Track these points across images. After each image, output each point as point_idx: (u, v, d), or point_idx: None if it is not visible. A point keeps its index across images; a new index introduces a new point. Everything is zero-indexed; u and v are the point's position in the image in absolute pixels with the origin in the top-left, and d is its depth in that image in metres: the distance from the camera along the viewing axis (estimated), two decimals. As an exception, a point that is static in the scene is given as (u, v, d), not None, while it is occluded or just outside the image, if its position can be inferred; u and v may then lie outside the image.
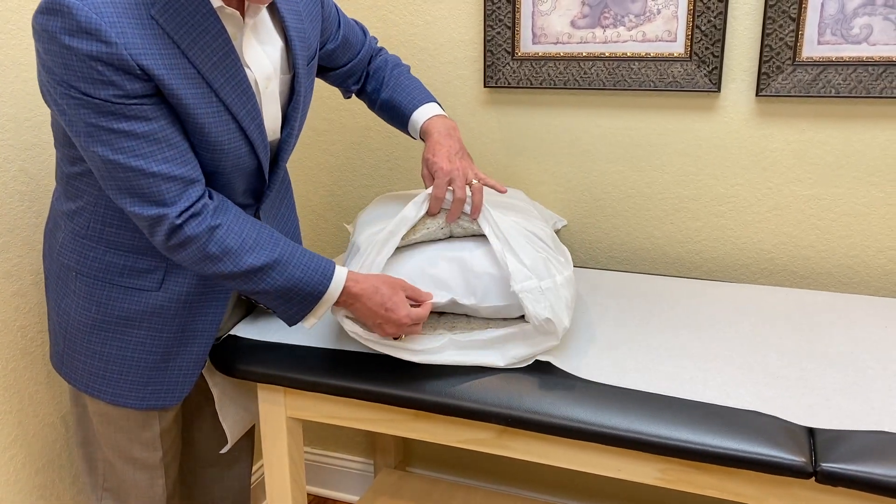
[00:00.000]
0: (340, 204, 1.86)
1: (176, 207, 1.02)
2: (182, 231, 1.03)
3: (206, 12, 1.01)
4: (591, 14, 1.51)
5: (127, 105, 0.97)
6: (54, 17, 0.93)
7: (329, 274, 1.11)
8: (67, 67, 0.94)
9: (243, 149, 1.11)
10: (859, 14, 1.35)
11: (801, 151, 1.46)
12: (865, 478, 0.96)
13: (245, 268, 1.06)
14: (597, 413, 1.08)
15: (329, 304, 1.13)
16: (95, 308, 1.15)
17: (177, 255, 1.06)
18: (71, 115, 0.98)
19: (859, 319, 1.31)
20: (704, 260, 1.59)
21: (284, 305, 1.12)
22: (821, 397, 1.08)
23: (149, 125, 0.99)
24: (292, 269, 1.09)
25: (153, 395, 1.19)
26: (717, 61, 1.45)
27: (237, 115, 1.07)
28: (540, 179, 1.66)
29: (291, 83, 1.19)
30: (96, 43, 0.93)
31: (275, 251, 1.08)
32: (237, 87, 1.07)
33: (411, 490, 1.76)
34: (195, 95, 1.02)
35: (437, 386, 1.15)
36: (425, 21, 1.65)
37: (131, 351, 1.17)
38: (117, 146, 0.98)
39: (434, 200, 1.18)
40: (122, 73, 0.95)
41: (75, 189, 1.12)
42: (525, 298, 1.11)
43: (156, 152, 1.00)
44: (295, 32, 1.17)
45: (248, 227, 1.08)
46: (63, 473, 1.44)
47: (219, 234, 1.05)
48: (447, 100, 1.68)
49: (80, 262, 1.15)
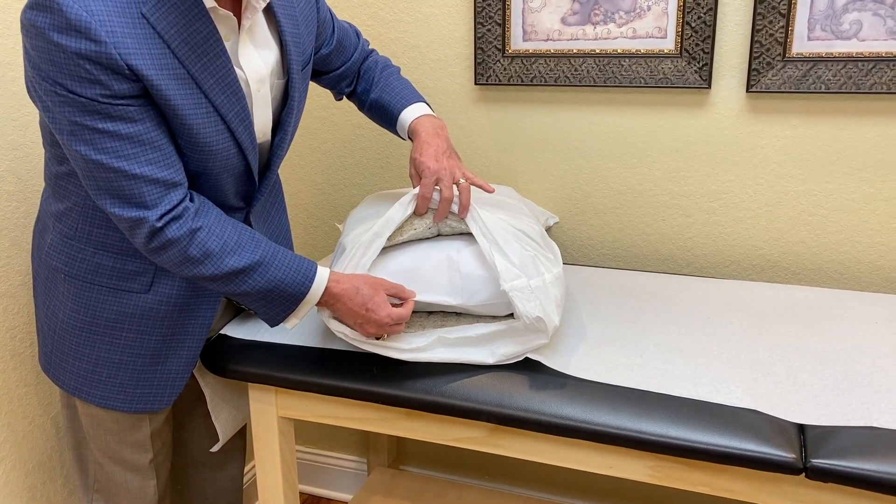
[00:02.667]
0: (332, 203, 1.86)
1: (157, 210, 1.01)
2: (163, 234, 1.02)
3: (198, 12, 1.01)
4: (582, 11, 1.51)
5: (113, 105, 0.96)
6: (44, 13, 0.92)
7: (311, 275, 1.11)
8: (54, 64, 0.94)
9: (232, 150, 1.11)
10: (849, 10, 1.35)
11: (792, 147, 1.46)
12: (855, 473, 0.96)
13: (227, 270, 1.06)
14: (587, 411, 1.07)
15: (311, 304, 1.13)
16: (84, 310, 1.14)
17: (158, 258, 1.06)
18: (55, 113, 0.97)
19: (850, 315, 1.31)
20: (696, 256, 1.59)
21: (266, 307, 1.12)
22: (811, 393, 1.08)
23: (134, 126, 0.98)
24: (274, 271, 1.09)
25: (143, 398, 1.19)
26: (707, 58, 1.44)
27: (225, 116, 1.07)
28: (531, 176, 1.66)
29: (285, 88, 1.19)
30: (85, 41, 0.93)
31: (256, 253, 1.08)
32: (227, 88, 1.06)
33: (405, 488, 1.76)
34: (184, 96, 1.02)
35: (429, 385, 1.15)
36: (416, 18, 1.64)
37: (120, 354, 1.16)
38: (100, 146, 0.98)
39: (421, 200, 1.18)
40: (109, 73, 0.95)
41: (63, 189, 1.12)
42: (515, 297, 1.11)
43: (139, 154, 0.99)
44: (291, 37, 1.16)
45: (230, 230, 1.08)
46: (54, 475, 1.44)
47: (199, 237, 1.05)
48: (438, 97, 1.67)
49: (68, 263, 1.14)
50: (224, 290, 1.09)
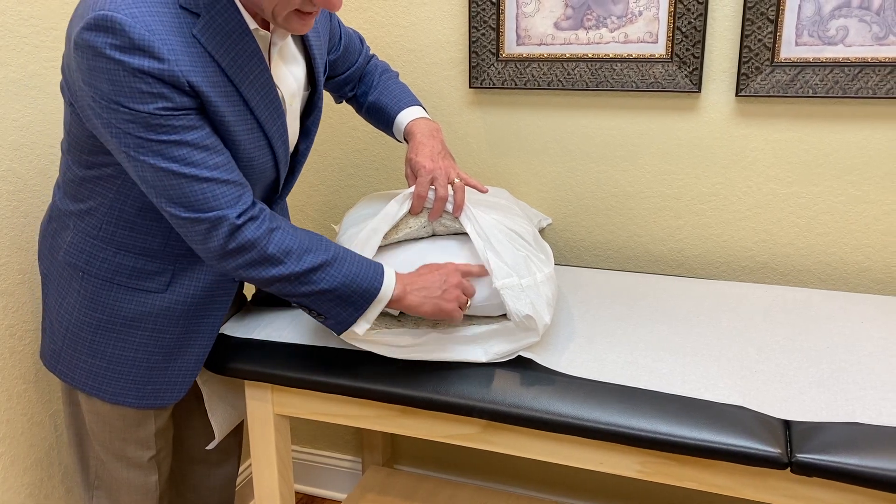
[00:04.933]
0: (328, 204, 1.88)
1: (235, 209, 1.03)
2: (242, 233, 1.03)
3: (243, 32, 1.04)
4: (574, 16, 1.53)
5: (175, 115, 0.99)
6: (105, 33, 0.94)
7: (381, 270, 1.12)
8: (114, 83, 0.95)
9: (269, 163, 1.14)
10: (835, 16, 1.38)
11: (780, 150, 1.49)
12: (839, 468, 0.98)
13: (307, 267, 1.07)
14: (578, 407, 1.09)
15: (384, 301, 1.11)
16: (101, 308, 1.16)
17: (232, 261, 1.05)
18: (119, 130, 0.99)
19: (836, 315, 1.34)
20: (686, 257, 1.61)
21: (340, 306, 1.10)
22: (797, 391, 1.10)
23: (196, 133, 1.01)
24: (349, 266, 1.10)
25: (153, 394, 1.21)
26: (697, 62, 1.47)
27: (268, 131, 1.11)
28: (524, 179, 1.68)
29: (310, 98, 1.23)
30: (149, 59, 0.95)
31: (329, 250, 1.09)
32: (270, 104, 1.10)
33: (399, 487, 1.77)
34: (233, 112, 1.05)
35: (423, 382, 1.16)
36: (411, 22, 1.67)
37: (134, 351, 1.18)
38: (168, 155, 0.99)
39: (417, 198, 1.20)
40: (171, 88, 0.97)
41: (88, 191, 1.13)
42: (506, 295, 1.13)
43: (206, 159, 1.01)
44: (317, 51, 1.21)
45: (300, 230, 1.10)
46: (52, 471, 1.45)
47: (277, 236, 1.06)
48: (433, 100, 1.70)
49: (88, 262, 1.16)
50: (299, 290, 1.08)
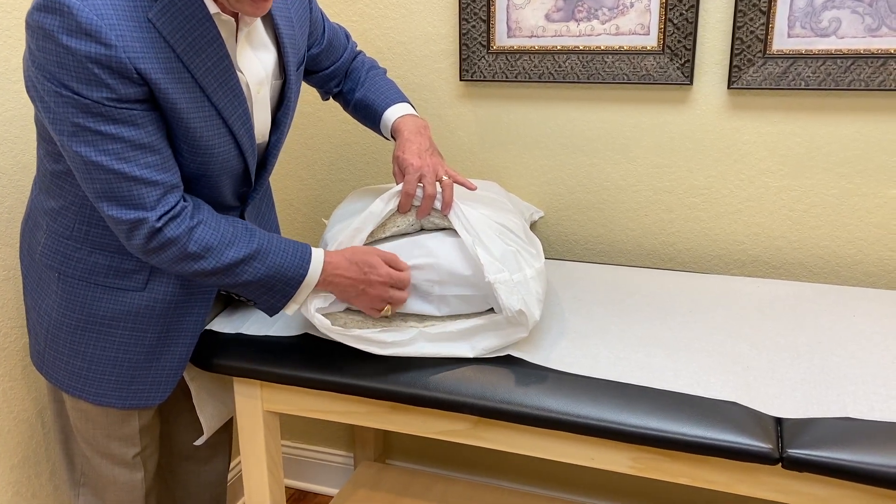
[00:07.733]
0: (318, 198, 1.86)
1: (155, 212, 1.02)
2: (162, 233, 1.03)
3: (203, 17, 1.02)
4: (565, 8, 1.52)
5: (118, 108, 0.97)
6: (53, 15, 0.92)
7: (307, 257, 1.12)
8: (61, 66, 0.94)
9: (232, 152, 1.12)
10: (828, 7, 1.37)
11: (773, 143, 1.48)
12: (830, 463, 0.98)
13: (227, 262, 1.07)
14: (569, 403, 1.09)
15: (310, 287, 1.13)
16: (78, 308, 1.15)
17: (156, 258, 1.06)
18: (57, 113, 0.97)
19: (828, 309, 1.33)
20: (678, 251, 1.61)
21: (267, 294, 1.12)
22: (788, 387, 1.10)
23: (136, 130, 0.99)
24: (273, 257, 1.10)
25: (136, 395, 1.20)
26: (689, 54, 1.46)
27: (228, 119, 1.08)
28: (516, 172, 1.67)
29: (282, 89, 1.20)
30: (95, 45, 0.93)
31: (253, 242, 1.09)
32: (229, 92, 1.07)
33: (391, 482, 1.77)
34: (188, 100, 1.03)
35: (413, 378, 1.16)
36: (401, 14, 1.65)
37: (114, 351, 1.17)
38: (101, 148, 0.98)
39: (404, 196, 1.19)
40: (117, 77, 0.95)
41: (58, 187, 1.12)
42: (499, 289, 1.12)
43: (139, 157, 1.00)
44: (287, 39, 1.18)
45: (224, 223, 1.09)
46: (40, 469, 1.44)
47: (198, 233, 1.06)
48: (423, 93, 1.68)
49: (63, 263, 1.14)
50: (224, 282, 1.10)
